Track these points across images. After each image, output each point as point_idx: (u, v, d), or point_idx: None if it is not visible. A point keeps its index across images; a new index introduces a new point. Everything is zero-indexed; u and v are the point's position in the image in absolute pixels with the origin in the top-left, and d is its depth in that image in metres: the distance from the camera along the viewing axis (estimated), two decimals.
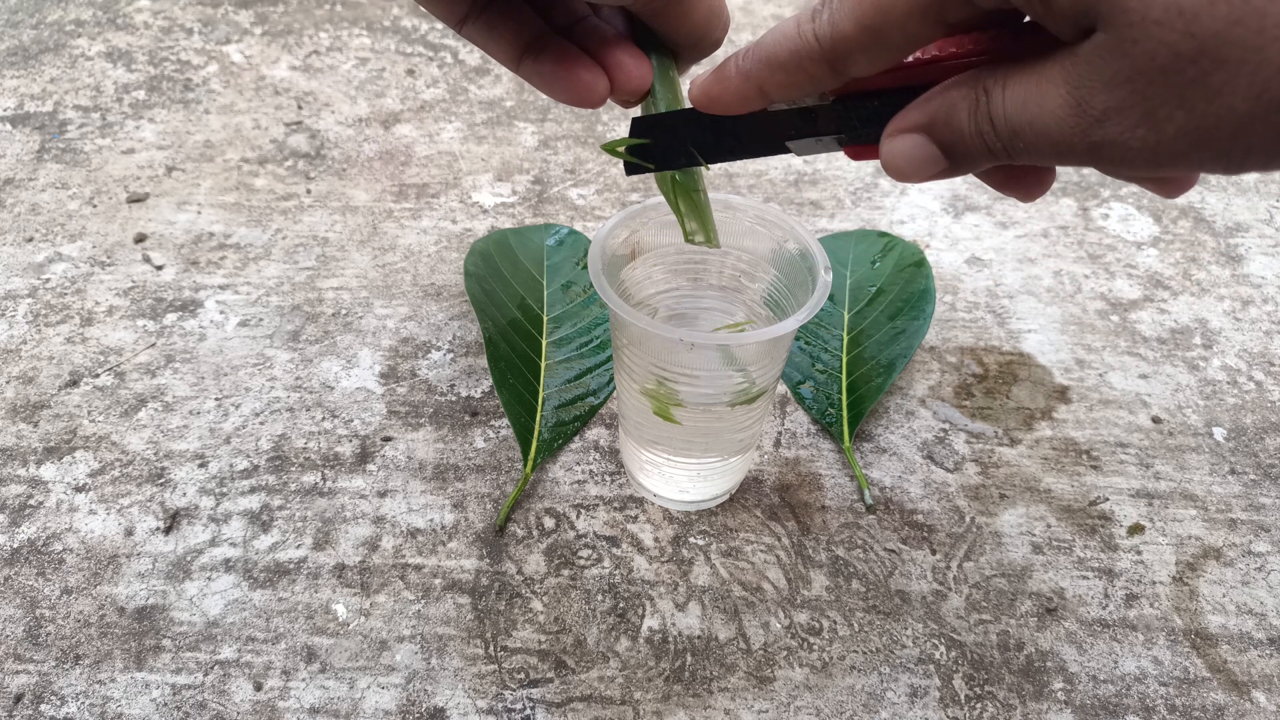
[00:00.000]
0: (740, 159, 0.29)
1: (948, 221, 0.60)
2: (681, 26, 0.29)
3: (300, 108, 0.69)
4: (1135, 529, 0.42)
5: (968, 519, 0.42)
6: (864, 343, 0.48)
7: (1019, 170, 0.26)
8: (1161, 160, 0.20)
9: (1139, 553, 0.41)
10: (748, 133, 0.28)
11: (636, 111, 0.30)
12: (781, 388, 0.47)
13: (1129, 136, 0.20)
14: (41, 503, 0.41)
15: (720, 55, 0.70)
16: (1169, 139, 0.19)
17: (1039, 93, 0.21)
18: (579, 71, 0.29)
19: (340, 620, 0.37)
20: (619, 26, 0.30)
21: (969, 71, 0.23)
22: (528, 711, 0.34)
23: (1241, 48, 0.17)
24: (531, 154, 0.65)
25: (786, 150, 0.28)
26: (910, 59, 0.24)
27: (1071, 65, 0.20)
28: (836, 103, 0.26)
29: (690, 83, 0.27)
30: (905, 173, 0.24)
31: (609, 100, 0.31)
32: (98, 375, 0.47)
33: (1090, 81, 0.20)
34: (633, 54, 0.29)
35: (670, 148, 0.30)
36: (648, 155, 0.30)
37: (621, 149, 0.30)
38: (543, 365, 0.46)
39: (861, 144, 0.26)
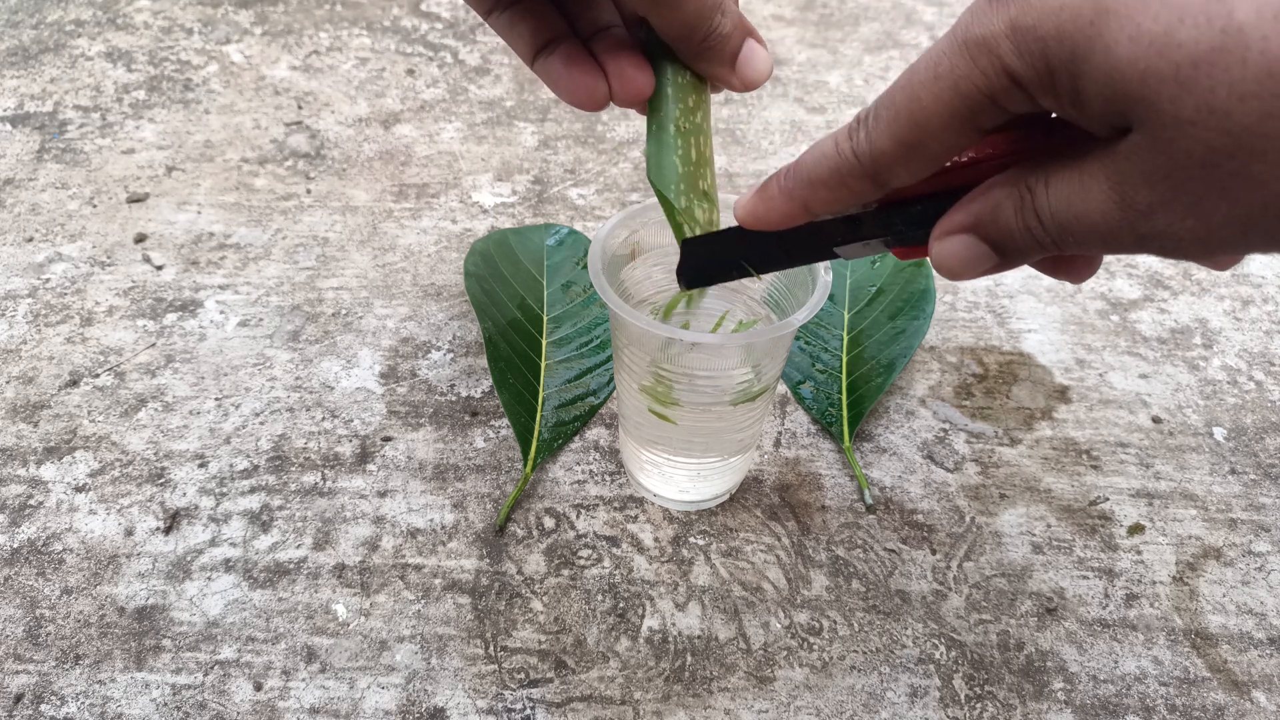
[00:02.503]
0: (790, 268, 0.30)
1: None
2: (673, 19, 0.29)
3: (300, 108, 0.69)
4: (1135, 529, 0.42)
5: (968, 519, 0.42)
6: (864, 343, 0.48)
7: (1067, 256, 0.27)
8: (1213, 247, 0.21)
9: (1139, 553, 0.41)
10: (795, 243, 0.28)
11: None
12: (781, 388, 0.47)
13: (1178, 227, 0.20)
14: (41, 503, 0.41)
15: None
16: (1217, 227, 0.20)
17: (1082, 189, 0.21)
18: (579, 73, 0.30)
19: (340, 620, 0.37)
20: (639, 38, 0.31)
21: (1008, 171, 0.24)
22: (528, 711, 0.34)
23: (1277, 139, 0.18)
24: (531, 154, 0.65)
25: (835, 256, 0.28)
26: (948, 163, 0.25)
27: (1111, 162, 0.21)
28: (880, 210, 0.26)
29: (735, 203, 0.28)
30: (958, 272, 0.25)
31: (620, 107, 0.31)
32: (98, 375, 0.47)
33: (1132, 178, 0.20)
34: (636, 62, 0.30)
35: (721, 262, 0.30)
36: (700, 273, 0.31)
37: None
38: (543, 365, 0.46)
39: (908, 245, 0.27)
